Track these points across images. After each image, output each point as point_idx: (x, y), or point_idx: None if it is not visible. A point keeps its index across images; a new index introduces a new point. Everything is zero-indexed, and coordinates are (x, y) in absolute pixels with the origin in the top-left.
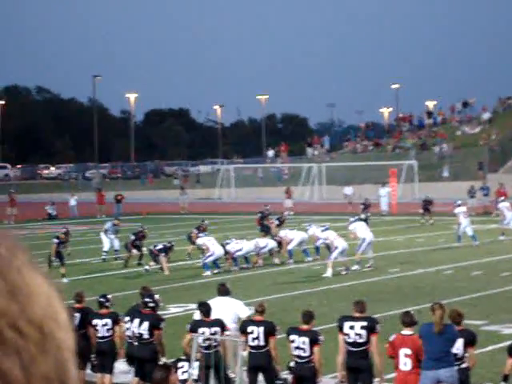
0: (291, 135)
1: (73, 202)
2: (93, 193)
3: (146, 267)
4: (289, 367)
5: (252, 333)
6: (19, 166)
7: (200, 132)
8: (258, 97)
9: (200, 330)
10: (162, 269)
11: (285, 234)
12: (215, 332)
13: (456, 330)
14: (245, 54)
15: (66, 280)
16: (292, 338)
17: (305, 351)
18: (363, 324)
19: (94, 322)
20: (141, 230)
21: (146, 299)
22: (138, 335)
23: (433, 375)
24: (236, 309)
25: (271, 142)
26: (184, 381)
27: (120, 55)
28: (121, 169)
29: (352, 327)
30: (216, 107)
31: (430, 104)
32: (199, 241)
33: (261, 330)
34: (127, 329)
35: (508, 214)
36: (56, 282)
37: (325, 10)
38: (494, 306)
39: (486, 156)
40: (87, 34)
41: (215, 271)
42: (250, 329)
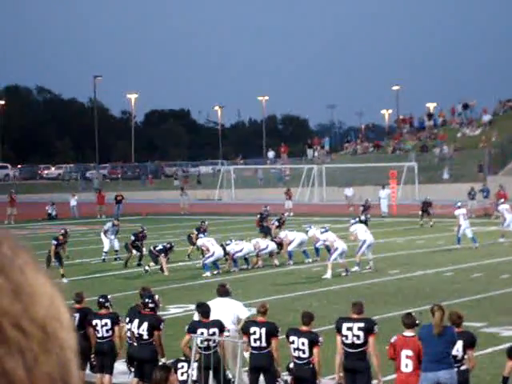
0: (291, 136)
1: (73, 203)
2: (93, 193)
3: (146, 268)
4: (288, 368)
5: (254, 334)
6: (19, 166)
7: (200, 133)
8: (259, 98)
9: (198, 331)
10: (161, 269)
11: (285, 235)
12: (213, 333)
13: (455, 332)
14: (245, 55)
15: (66, 280)
16: (291, 339)
17: (304, 352)
18: (361, 325)
19: (94, 322)
20: (141, 230)
21: (146, 300)
22: (137, 336)
23: (432, 377)
24: (236, 310)
25: (271, 143)
26: (184, 382)
27: (121, 56)
28: (121, 169)
29: (350, 328)
30: (216, 108)
31: (431, 106)
32: (199, 242)
33: (263, 331)
34: (128, 330)
35: (508, 216)
36: (57, 282)
37: (325, 11)
38: (494, 308)
39: (487, 158)
40: (88, 34)
41: (215, 272)
42: (252, 329)
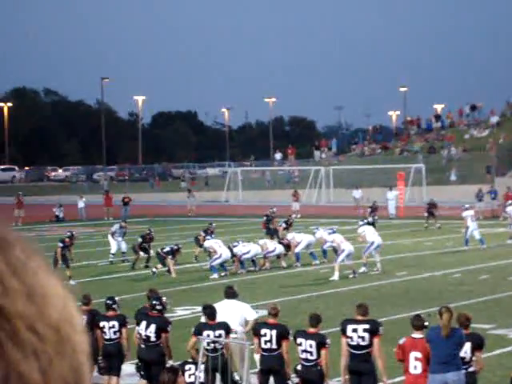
0: (299, 138)
1: (81, 205)
2: (100, 195)
3: (154, 270)
4: (296, 370)
5: (265, 335)
6: (27, 168)
7: (208, 135)
8: (266, 99)
9: (204, 333)
10: (169, 271)
11: (292, 236)
12: (220, 335)
13: (463, 334)
14: (252, 57)
15: (73, 282)
16: (299, 341)
17: (312, 354)
18: (366, 327)
19: (101, 324)
20: (148, 232)
21: (154, 302)
22: (145, 338)
23: (440, 379)
24: (243, 312)
25: (279, 145)
26: None
27: (128, 58)
28: (128, 171)
29: (355, 330)
30: (224, 110)
31: (438, 107)
32: (206, 243)
33: (273, 333)
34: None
35: None
36: (68, 285)
37: (333, 13)
38: (502, 310)
39: (494, 159)
40: (95, 36)
41: (222, 274)
42: (262, 331)
